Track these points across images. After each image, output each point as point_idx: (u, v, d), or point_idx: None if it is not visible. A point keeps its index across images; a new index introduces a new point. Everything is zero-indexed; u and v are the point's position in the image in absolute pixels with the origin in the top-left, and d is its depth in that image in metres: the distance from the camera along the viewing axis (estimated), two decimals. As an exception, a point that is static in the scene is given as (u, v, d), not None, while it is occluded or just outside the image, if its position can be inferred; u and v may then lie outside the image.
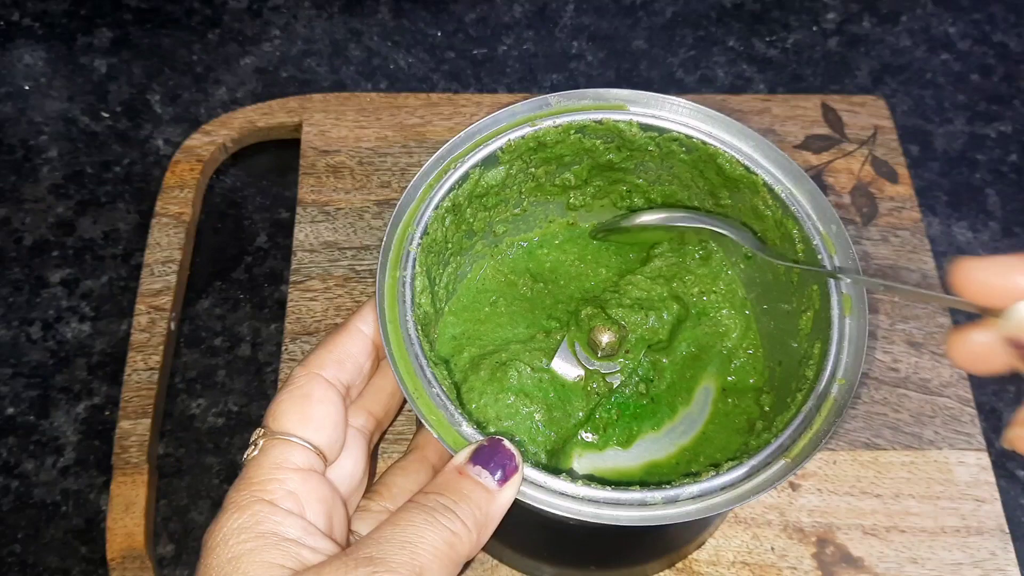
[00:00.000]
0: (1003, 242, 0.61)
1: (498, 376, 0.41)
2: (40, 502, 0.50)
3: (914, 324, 0.55)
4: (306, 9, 0.70)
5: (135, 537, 0.47)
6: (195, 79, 0.66)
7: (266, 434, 0.34)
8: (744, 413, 0.43)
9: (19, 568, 0.49)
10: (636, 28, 0.71)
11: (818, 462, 0.50)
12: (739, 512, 0.49)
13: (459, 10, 0.71)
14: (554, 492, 0.33)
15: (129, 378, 0.51)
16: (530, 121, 0.41)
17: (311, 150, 0.60)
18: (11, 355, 0.55)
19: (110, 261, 0.58)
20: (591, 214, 0.48)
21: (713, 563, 0.47)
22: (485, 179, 0.41)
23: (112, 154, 0.63)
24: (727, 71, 0.69)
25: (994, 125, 0.67)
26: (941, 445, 0.51)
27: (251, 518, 0.32)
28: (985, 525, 0.49)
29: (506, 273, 0.47)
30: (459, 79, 0.67)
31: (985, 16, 0.72)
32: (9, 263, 0.58)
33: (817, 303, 0.39)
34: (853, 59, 0.70)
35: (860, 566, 0.47)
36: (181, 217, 0.57)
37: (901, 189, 0.60)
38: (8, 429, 0.52)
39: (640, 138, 0.42)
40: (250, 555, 0.31)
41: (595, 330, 0.41)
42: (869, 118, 0.63)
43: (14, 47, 0.67)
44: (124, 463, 0.49)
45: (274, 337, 0.55)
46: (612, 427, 0.42)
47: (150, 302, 0.54)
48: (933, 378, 0.53)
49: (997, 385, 0.56)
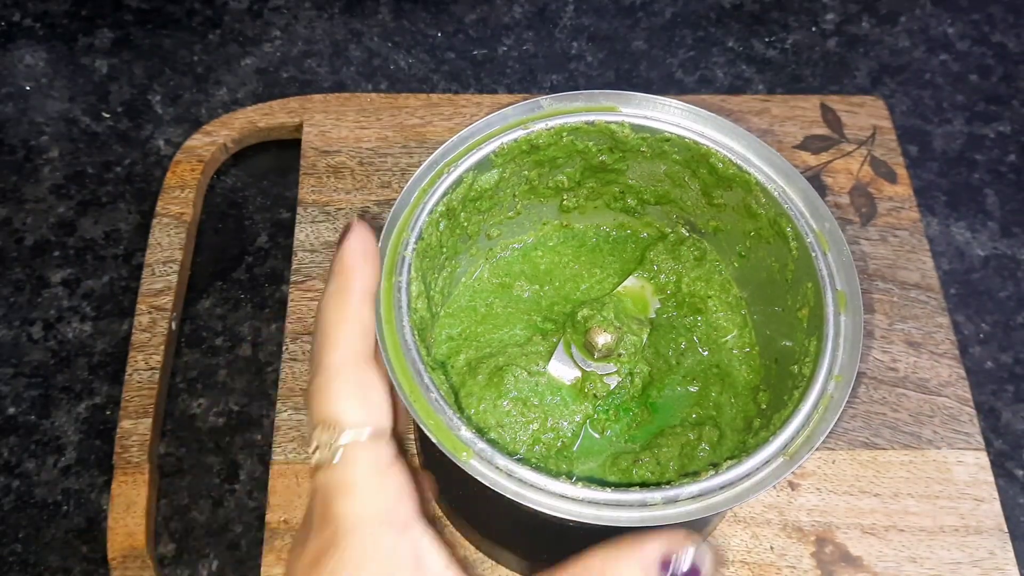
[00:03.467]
0: (1001, 242, 0.61)
1: (495, 381, 0.41)
2: (41, 502, 0.51)
3: (913, 324, 0.55)
4: (307, 10, 0.70)
5: (136, 537, 0.47)
6: (196, 79, 0.66)
7: (339, 434, 0.31)
8: (741, 411, 0.43)
9: (20, 567, 0.49)
10: (636, 29, 0.71)
11: (817, 461, 0.50)
12: (738, 511, 0.49)
13: (459, 11, 0.71)
14: (554, 494, 0.34)
15: (130, 378, 0.52)
16: (522, 124, 0.41)
17: (312, 150, 0.60)
18: (12, 355, 0.55)
19: (111, 261, 0.58)
20: (585, 216, 0.48)
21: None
22: (479, 183, 0.41)
23: (113, 154, 0.63)
24: (726, 72, 0.69)
25: (993, 125, 0.67)
26: (940, 444, 0.51)
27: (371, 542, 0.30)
28: (984, 524, 0.49)
29: (501, 276, 0.47)
30: (459, 80, 0.67)
31: (984, 16, 0.72)
32: (10, 263, 0.58)
33: (812, 300, 0.39)
34: (852, 59, 0.70)
35: (859, 565, 0.47)
36: (182, 217, 0.57)
37: (900, 189, 0.60)
38: (9, 429, 0.53)
39: (632, 139, 0.42)
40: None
41: (591, 331, 0.41)
42: (868, 118, 0.63)
43: (15, 47, 0.67)
44: (125, 463, 0.49)
45: (275, 337, 0.56)
46: (610, 428, 0.42)
47: (151, 302, 0.54)
48: (932, 378, 0.53)
49: (996, 385, 0.56)
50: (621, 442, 0.42)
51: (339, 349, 0.33)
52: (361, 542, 0.30)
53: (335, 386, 0.32)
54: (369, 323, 0.34)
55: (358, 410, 0.32)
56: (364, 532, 0.30)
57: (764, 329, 0.44)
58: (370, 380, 0.33)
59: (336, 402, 0.32)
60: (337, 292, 0.34)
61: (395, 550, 0.30)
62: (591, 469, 0.41)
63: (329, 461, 0.31)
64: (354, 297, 0.34)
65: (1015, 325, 0.58)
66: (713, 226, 0.45)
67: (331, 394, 0.32)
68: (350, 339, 0.33)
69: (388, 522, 0.30)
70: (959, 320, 0.58)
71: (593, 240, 0.48)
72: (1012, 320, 0.58)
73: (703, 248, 0.46)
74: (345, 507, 0.30)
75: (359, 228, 0.35)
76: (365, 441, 0.31)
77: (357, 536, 0.30)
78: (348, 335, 0.33)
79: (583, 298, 0.46)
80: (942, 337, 0.54)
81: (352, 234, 0.35)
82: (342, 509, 0.30)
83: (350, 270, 0.34)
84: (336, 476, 0.31)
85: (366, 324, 0.34)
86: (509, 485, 0.34)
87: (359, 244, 0.35)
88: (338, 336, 0.33)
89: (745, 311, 0.45)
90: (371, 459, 0.31)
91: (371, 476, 0.31)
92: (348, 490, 0.30)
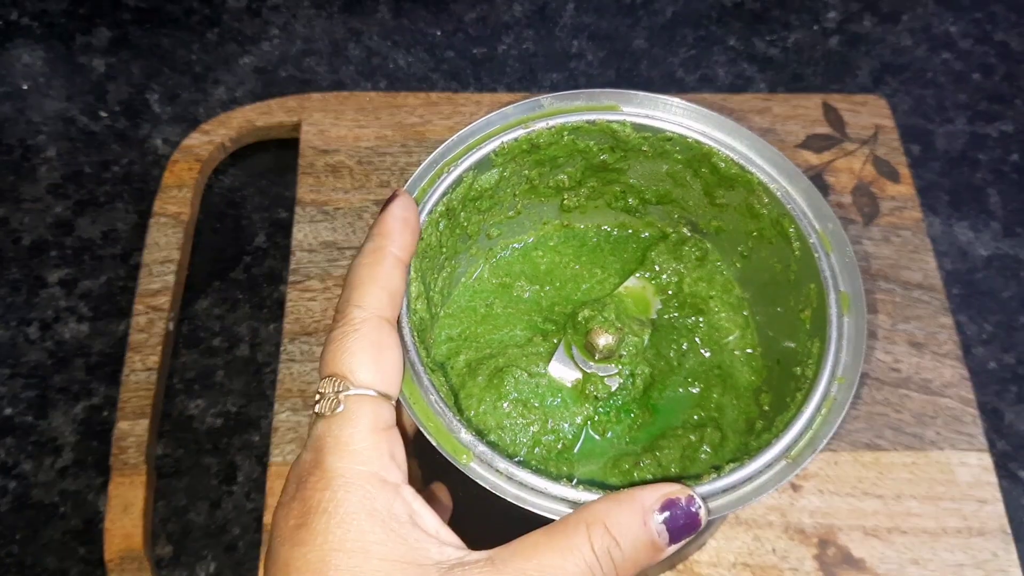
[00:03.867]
0: (1004, 242, 0.61)
1: (495, 383, 0.41)
2: (38, 503, 0.50)
3: (916, 324, 0.55)
4: (305, 8, 0.70)
5: (133, 538, 0.47)
6: (194, 79, 0.66)
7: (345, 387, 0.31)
8: (743, 413, 0.43)
9: (17, 569, 0.49)
10: (636, 27, 0.70)
11: (819, 463, 0.50)
12: (740, 513, 0.48)
13: (459, 10, 0.71)
14: (555, 498, 0.33)
15: (127, 378, 0.51)
16: (523, 123, 0.41)
17: (310, 150, 0.59)
18: (9, 355, 0.55)
19: (108, 261, 0.58)
20: (585, 215, 0.47)
21: (714, 564, 0.47)
22: (479, 182, 0.41)
23: (111, 154, 0.62)
24: (728, 71, 0.68)
25: (995, 124, 0.67)
26: (943, 446, 0.51)
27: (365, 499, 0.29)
28: (987, 526, 0.48)
29: (501, 276, 0.46)
30: (459, 79, 0.67)
31: (986, 15, 0.72)
32: (7, 263, 0.58)
33: (815, 301, 0.39)
34: (854, 58, 0.69)
35: (862, 567, 0.47)
36: (180, 217, 0.57)
37: (902, 189, 0.60)
38: (6, 429, 0.52)
39: (634, 138, 0.42)
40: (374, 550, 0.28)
41: (592, 332, 0.41)
42: (870, 117, 0.62)
43: (13, 47, 0.67)
44: (122, 464, 0.49)
45: (273, 337, 0.55)
46: (612, 430, 0.42)
47: (148, 302, 0.54)
48: (935, 378, 0.53)
49: (999, 385, 0.56)
50: (622, 444, 0.42)
51: (363, 307, 0.33)
52: (355, 498, 0.29)
53: (351, 341, 0.32)
54: (397, 289, 0.34)
55: (369, 368, 0.32)
56: (357, 489, 0.29)
57: (766, 330, 0.44)
58: (387, 343, 0.33)
59: (349, 357, 0.32)
60: (372, 252, 0.35)
61: (389, 508, 0.29)
62: (592, 471, 0.41)
63: (331, 411, 0.31)
64: (388, 261, 0.35)
65: (1018, 325, 0.58)
66: (715, 226, 0.45)
67: (346, 348, 0.32)
68: (376, 299, 0.33)
69: (382, 481, 0.30)
70: (962, 320, 0.58)
71: (594, 240, 0.48)
72: (1015, 320, 0.58)
73: (705, 248, 0.46)
74: (339, 462, 0.30)
75: (404, 196, 0.37)
76: (370, 397, 0.31)
77: (350, 492, 0.29)
78: (375, 295, 0.33)
79: (584, 298, 0.46)
80: (945, 337, 0.54)
81: (396, 201, 0.36)
82: (336, 464, 0.29)
83: (389, 234, 0.35)
84: (334, 428, 0.30)
85: (394, 289, 0.34)
86: (509, 488, 0.33)
87: (401, 211, 0.36)
88: (364, 294, 0.33)
89: (747, 312, 0.45)
90: (372, 417, 0.31)
91: (369, 434, 0.30)
92: (344, 446, 0.30)
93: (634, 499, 0.31)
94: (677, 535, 0.31)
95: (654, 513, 0.31)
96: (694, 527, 0.31)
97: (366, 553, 0.28)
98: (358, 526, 0.28)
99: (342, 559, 0.28)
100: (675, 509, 0.31)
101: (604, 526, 0.30)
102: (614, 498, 0.31)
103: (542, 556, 0.29)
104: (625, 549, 0.30)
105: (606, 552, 0.30)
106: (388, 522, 0.29)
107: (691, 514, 0.31)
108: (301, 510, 0.29)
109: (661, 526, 0.31)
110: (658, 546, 0.31)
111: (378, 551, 0.28)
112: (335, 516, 0.28)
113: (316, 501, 0.29)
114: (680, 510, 0.31)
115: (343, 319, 0.33)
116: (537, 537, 0.30)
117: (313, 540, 0.28)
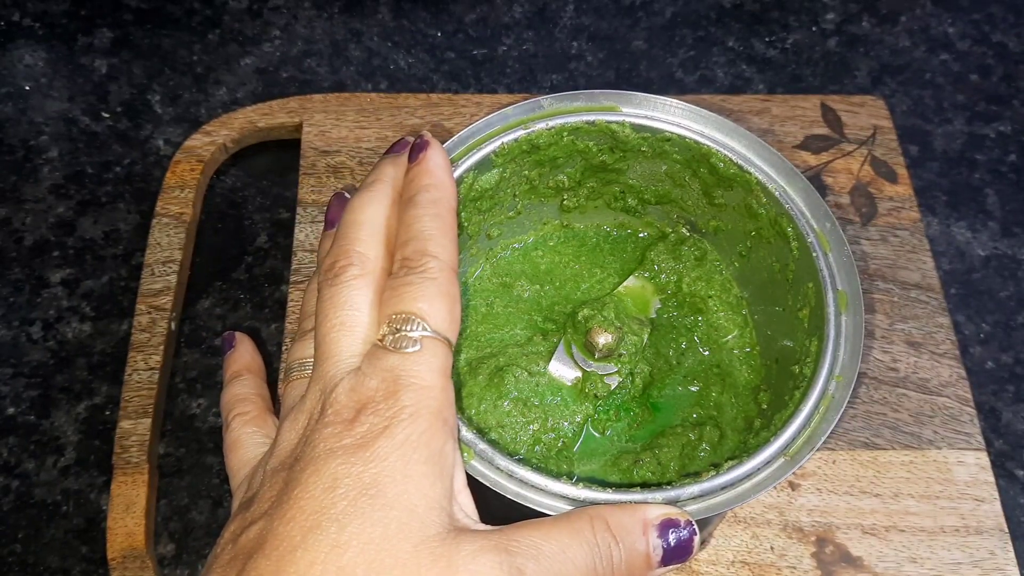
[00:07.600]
0: (1002, 242, 0.61)
1: (495, 382, 0.41)
2: (40, 502, 0.51)
3: (913, 324, 0.55)
4: (306, 9, 0.70)
5: (136, 537, 0.47)
6: (195, 79, 0.66)
7: (424, 328, 0.31)
8: (742, 411, 0.43)
9: (20, 568, 0.49)
10: (636, 28, 0.71)
11: (817, 461, 0.50)
12: (738, 511, 0.49)
13: (459, 10, 0.71)
14: (555, 495, 0.33)
15: (129, 378, 0.52)
16: (523, 124, 0.41)
17: (311, 150, 0.60)
18: (11, 355, 0.55)
19: (110, 261, 0.58)
20: (585, 215, 0.48)
21: (712, 562, 0.47)
22: (479, 183, 0.41)
23: (112, 154, 0.63)
24: (726, 71, 0.69)
25: (993, 125, 0.67)
26: (940, 445, 0.51)
27: (425, 433, 0.29)
28: (984, 525, 0.49)
29: (502, 276, 0.47)
30: (459, 79, 0.67)
31: (984, 16, 0.72)
32: (9, 263, 0.58)
33: (813, 300, 0.39)
34: (852, 59, 0.70)
35: (859, 565, 0.47)
36: (181, 217, 0.57)
37: (900, 189, 0.60)
38: (8, 429, 0.53)
39: (633, 139, 0.42)
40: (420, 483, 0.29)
41: (592, 331, 0.41)
42: (868, 118, 0.63)
43: (14, 47, 0.67)
44: (125, 463, 0.49)
45: (274, 337, 0.56)
46: (611, 428, 0.42)
47: (150, 302, 0.54)
48: (932, 378, 0.53)
49: (996, 385, 0.56)
50: (622, 442, 0.42)
51: (441, 258, 0.33)
52: (417, 431, 0.29)
53: (429, 287, 0.32)
54: (457, 242, 0.35)
55: (445, 316, 0.32)
56: (422, 421, 0.30)
57: (765, 329, 0.44)
58: (457, 295, 0.33)
59: (428, 302, 0.32)
60: (435, 203, 0.35)
61: (443, 449, 0.30)
62: (592, 469, 0.41)
63: (409, 347, 0.31)
64: (452, 213, 0.35)
65: (1015, 325, 0.58)
66: (714, 226, 0.45)
67: (423, 292, 0.32)
68: (451, 251, 0.34)
69: (444, 422, 0.31)
70: (959, 320, 0.58)
71: (594, 240, 0.48)
72: (1012, 320, 0.58)
73: (704, 248, 0.46)
74: (412, 395, 0.30)
75: (436, 144, 0.36)
76: (444, 342, 0.32)
77: (415, 424, 0.30)
78: (451, 246, 0.34)
79: (584, 298, 0.46)
80: (943, 337, 0.54)
81: (433, 149, 0.36)
82: (408, 396, 0.30)
83: (446, 185, 0.35)
84: (409, 364, 0.31)
85: (456, 239, 0.35)
86: (510, 486, 0.34)
87: (443, 160, 0.36)
88: (441, 245, 0.33)
89: (746, 311, 0.45)
90: (444, 361, 0.32)
91: (440, 376, 0.31)
92: (419, 381, 0.30)
93: (637, 509, 0.32)
94: (668, 557, 0.32)
95: (654, 527, 0.32)
96: (687, 552, 0.32)
97: (409, 481, 0.29)
98: (416, 456, 0.29)
99: (390, 486, 0.28)
100: (674, 530, 0.32)
101: (607, 523, 0.31)
102: (618, 504, 0.32)
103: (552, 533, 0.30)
104: (623, 550, 0.31)
105: (607, 546, 0.31)
106: (439, 461, 0.30)
107: (686, 539, 0.32)
108: (362, 431, 0.29)
109: (657, 541, 0.31)
110: (651, 562, 0.31)
111: (420, 484, 0.29)
112: (394, 441, 0.29)
113: (382, 427, 0.29)
114: (677, 533, 0.32)
115: (418, 266, 0.33)
116: (544, 521, 0.31)
117: (369, 459, 0.29)
